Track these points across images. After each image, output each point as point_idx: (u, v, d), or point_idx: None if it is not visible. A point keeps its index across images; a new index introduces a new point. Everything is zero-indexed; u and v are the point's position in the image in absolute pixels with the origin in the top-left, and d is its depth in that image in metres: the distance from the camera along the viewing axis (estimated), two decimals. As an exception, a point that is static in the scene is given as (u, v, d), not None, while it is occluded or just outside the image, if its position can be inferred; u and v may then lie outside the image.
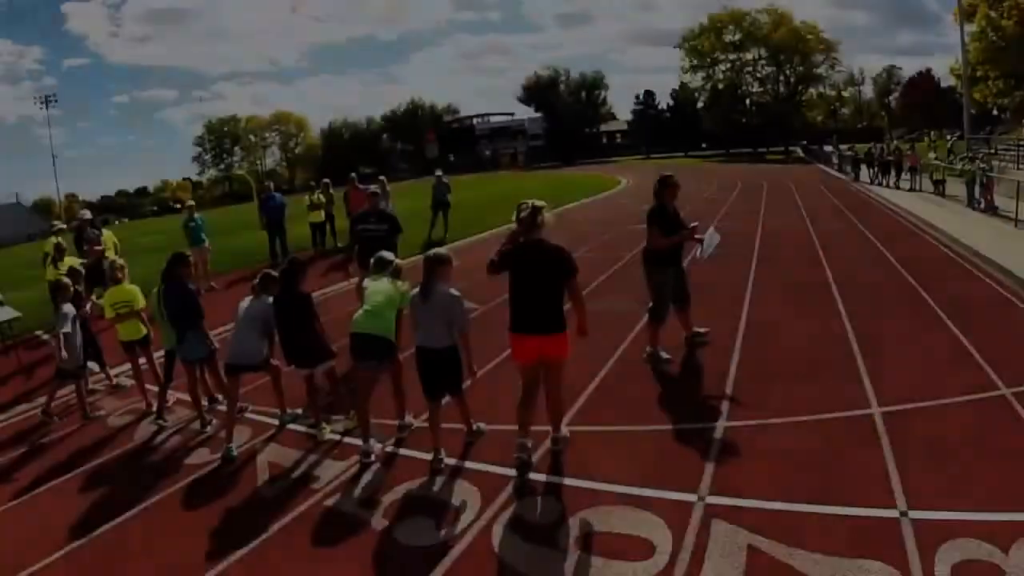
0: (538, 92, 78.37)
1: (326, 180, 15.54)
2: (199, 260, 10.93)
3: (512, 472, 4.18)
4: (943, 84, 65.29)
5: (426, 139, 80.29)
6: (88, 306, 6.80)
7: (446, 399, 4.52)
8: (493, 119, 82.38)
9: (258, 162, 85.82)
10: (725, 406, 5.02)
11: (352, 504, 4.10)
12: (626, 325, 7.20)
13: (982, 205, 15.06)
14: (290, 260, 5.18)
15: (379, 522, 3.84)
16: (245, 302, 5.27)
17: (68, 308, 6.03)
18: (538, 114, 77.57)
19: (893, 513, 3.43)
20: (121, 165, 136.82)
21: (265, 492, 4.40)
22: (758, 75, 62.12)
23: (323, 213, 14.65)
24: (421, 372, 4.42)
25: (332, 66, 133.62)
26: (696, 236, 6.09)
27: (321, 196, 14.51)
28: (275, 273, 5.35)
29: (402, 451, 4.75)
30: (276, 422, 5.48)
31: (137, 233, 25.93)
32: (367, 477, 4.42)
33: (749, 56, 61.39)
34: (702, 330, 6.52)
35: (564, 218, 18.68)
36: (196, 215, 12.36)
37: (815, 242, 11.87)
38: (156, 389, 6.23)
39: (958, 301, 7.31)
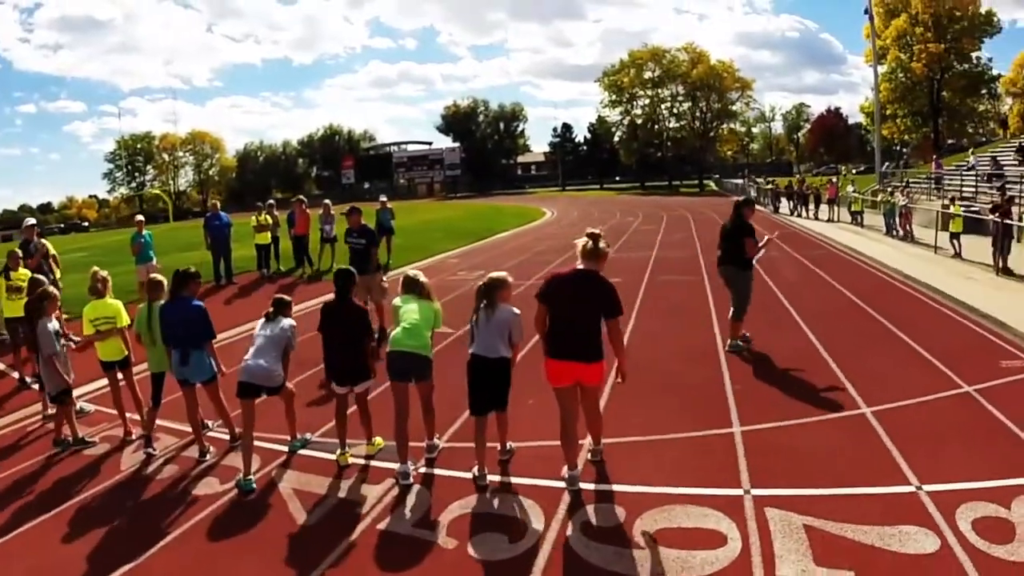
0: (457, 122, 79.18)
1: (271, 201, 15.07)
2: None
3: (560, 484, 4.26)
4: (850, 121, 71.24)
5: (343, 165, 78.89)
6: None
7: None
8: (410, 148, 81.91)
9: (171, 182, 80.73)
10: (734, 413, 5.36)
11: (407, 526, 3.99)
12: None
13: (900, 234, 16.79)
14: (344, 270, 5.03)
15: (447, 541, 3.77)
16: (259, 324, 5.06)
17: (50, 325, 5.51)
18: (456, 144, 77.84)
19: (910, 488, 3.99)
20: (24, 178, 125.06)
21: (306, 520, 4.17)
22: (675, 111, 64.84)
23: (270, 235, 14.11)
24: (472, 383, 4.43)
25: (245, 87, 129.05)
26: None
27: (267, 217, 13.98)
28: (288, 298, 5.23)
29: (437, 471, 4.68)
30: (281, 447, 5.21)
31: (55, 248, 23.23)
32: (411, 499, 4.31)
33: (667, 92, 64.01)
34: (742, 341, 7.19)
35: (508, 246, 19.03)
36: (145, 231, 11.65)
37: (758, 268, 12.71)
38: (136, 416, 5.79)
39: (901, 317, 8.19)
